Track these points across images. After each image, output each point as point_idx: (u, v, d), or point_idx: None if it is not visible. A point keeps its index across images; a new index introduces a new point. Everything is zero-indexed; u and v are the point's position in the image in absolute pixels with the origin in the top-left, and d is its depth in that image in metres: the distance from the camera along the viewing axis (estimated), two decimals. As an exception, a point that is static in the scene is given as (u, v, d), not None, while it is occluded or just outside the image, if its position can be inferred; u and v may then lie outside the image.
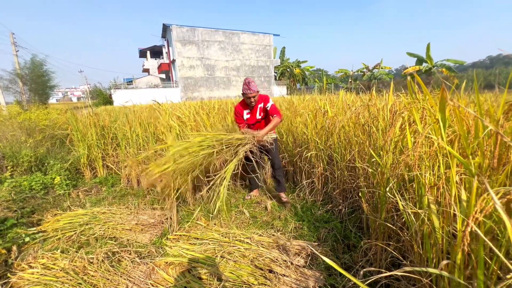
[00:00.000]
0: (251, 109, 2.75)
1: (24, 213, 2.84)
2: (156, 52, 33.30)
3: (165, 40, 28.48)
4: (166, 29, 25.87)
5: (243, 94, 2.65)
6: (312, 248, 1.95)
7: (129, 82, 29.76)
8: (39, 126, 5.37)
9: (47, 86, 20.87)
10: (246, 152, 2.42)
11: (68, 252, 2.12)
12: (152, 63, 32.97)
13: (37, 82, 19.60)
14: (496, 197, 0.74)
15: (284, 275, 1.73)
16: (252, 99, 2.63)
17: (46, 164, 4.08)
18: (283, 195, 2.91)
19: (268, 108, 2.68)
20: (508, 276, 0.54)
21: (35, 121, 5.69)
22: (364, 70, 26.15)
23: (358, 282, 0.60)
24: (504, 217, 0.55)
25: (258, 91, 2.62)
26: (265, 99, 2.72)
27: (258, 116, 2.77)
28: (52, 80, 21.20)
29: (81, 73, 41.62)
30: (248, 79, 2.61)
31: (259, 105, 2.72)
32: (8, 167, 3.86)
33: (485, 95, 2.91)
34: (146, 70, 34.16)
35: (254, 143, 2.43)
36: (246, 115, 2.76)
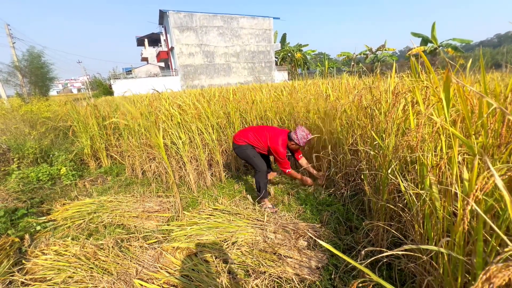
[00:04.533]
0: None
1: (33, 203, 2.91)
2: (154, 40, 32.61)
3: (162, 27, 27.79)
4: (163, 16, 25.16)
5: (296, 144, 2.47)
6: (310, 234, 2.00)
7: (128, 71, 29.41)
8: (41, 119, 5.39)
9: (46, 78, 20.70)
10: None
11: (79, 239, 2.19)
12: (150, 52, 32.39)
13: (36, 74, 19.44)
14: (498, 174, 0.74)
15: (288, 256, 1.78)
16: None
17: (51, 155, 4.14)
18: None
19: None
20: (506, 249, 0.55)
21: (36, 113, 5.71)
22: (367, 52, 25.52)
23: (353, 263, 0.62)
24: (505, 193, 0.55)
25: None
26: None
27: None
28: (51, 71, 21.02)
29: (79, 64, 41.08)
30: (306, 131, 2.44)
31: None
32: (15, 159, 3.93)
33: (492, 74, 2.84)
34: (145, 59, 33.64)
35: None
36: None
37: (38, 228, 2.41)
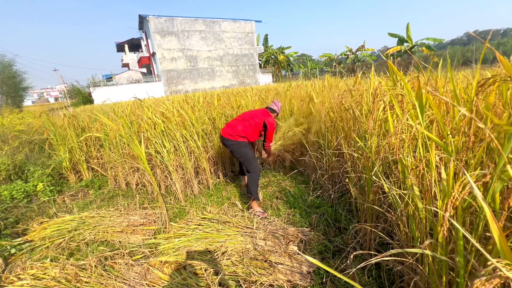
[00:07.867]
0: None
1: (7, 223, 2.72)
2: (134, 45, 31.84)
3: (143, 32, 27.22)
4: (143, 21, 24.65)
5: (277, 113, 2.95)
6: (296, 244, 1.99)
7: (109, 78, 28.50)
8: (13, 132, 5.08)
9: (19, 88, 19.69)
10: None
11: (58, 260, 2.07)
12: (131, 57, 31.58)
13: (8, 84, 18.44)
14: (472, 179, 0.77)
15: (279, 263, 1.77)
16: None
17: (26, 171, 3.90)
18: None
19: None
20: (488, 263, 0.56)
21: (8, 127, 5.37)
22: (348, 53, 26.24)
23: (341, 276, 0.61)
24: (484, 205, 0.57)
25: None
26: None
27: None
28: (24, 81, 20.03)
29: (56, 72, 39.23)
30: (280, 102, 2.99)
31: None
32: (-15, 178, 3.67)
33: (463, 71, 2.98)
34: (126, 65, 32.74)
35: None
36: None
37: (13, 251, 2.25)
